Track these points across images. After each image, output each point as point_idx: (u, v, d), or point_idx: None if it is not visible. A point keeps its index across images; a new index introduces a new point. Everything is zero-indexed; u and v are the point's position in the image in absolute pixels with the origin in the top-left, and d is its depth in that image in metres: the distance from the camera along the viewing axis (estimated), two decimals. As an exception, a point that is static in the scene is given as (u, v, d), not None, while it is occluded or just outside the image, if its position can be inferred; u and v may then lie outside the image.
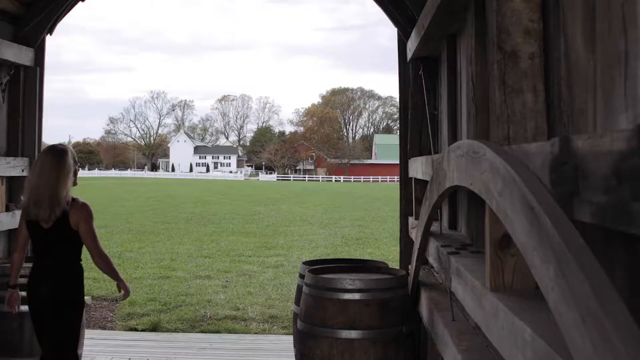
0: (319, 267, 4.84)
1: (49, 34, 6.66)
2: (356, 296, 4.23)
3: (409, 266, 5.64)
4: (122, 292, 4.70)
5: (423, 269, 5.05)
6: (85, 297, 9.75)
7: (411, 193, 5.56)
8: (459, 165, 2.74)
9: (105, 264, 4.42)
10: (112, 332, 8.15)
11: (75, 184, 4.34)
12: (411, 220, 5.53)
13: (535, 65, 2.35)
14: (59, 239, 4.24)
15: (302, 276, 5.09)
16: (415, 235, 4.64)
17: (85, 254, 4.49)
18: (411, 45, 5.73)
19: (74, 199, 4.24)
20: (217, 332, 8.06)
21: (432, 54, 5.61)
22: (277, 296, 9.99)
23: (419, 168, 5.10)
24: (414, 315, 4.71)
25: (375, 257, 14.09)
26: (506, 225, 1.91)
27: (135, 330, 8.29)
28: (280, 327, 8.23)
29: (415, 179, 5.34)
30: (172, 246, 15.91)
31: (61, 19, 6.63)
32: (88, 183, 66.61)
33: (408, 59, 5.99)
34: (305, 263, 5.50)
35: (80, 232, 4.22)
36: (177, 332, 8.06)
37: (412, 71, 5.86)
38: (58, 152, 4.27)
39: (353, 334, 4.19)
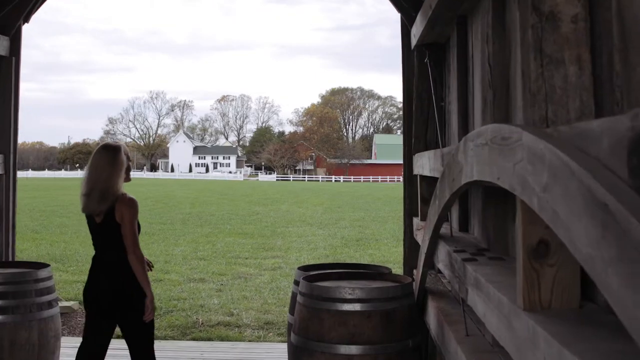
0: (315, 274, 4.37)
1: (25, 22, 6.19)
2: (356, 307, 3.76)
3: (414, 271, 5.18)
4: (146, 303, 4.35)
5: (429, 274, 4.60)
6: (72, 302, 9.36)
7: (416, 192, 5.11)
8: (480, 156, 2.28)
9: (137, 264, 4.27)
10: (97, 340, 7.68)
11: (128, 179, 4.46)
12: (416, 221, 5.08)
13: (579, 29, 1.89)
14: (109, 233, 4.29)
15: (297, 283, 4.62)
16: (422, 237, 4.18)
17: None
18: (416, 30, 5.27)
19: (122, 194, 4.30)
20: (209, 339, 7.59)
21: (439, 40, 5.15)
22: (273, 301, 9.53)
23: (425, 164, 4.64)
24: (420, 326, 4.24)
25: (376, 259, 13.63)
26: (556, 229, 1.45)
27: (122, 338, 7.83)
28: (275, 334, 7.76)
29: (421, 176, 4.88)
30: (167, 248, 15.44)
31: (39, 5, 6.16)
32: (86, 183, 66.20)
33: (412, 46, 5.53)
34: (301, 268, 5.03)
35: (122, 225, 4.25)
36: (167, 339, 7.58)
37: (416, 59, 5.39)
38: (112, 148, 4.44)
39: (353, 349, 3.72)
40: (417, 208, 5.08)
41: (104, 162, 4.30)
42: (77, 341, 7.43)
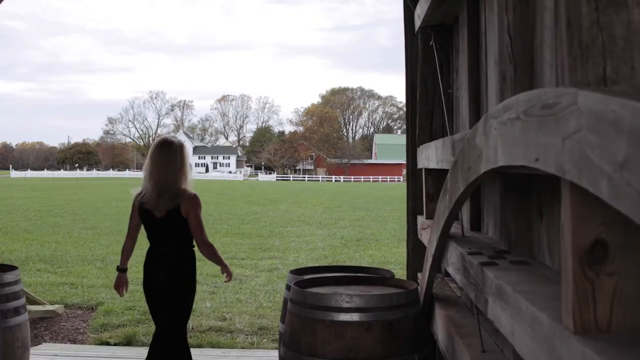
0: (308, 279, 3.89)
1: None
2: (355, 317, 3.28)
3: (418, 275, 4.72)
4: (225, 274, 5.01)
5: (436, 278, 4.13)
6: (57, 306, 8.88)
7: (421, 187, 4.63)
8: (509, 135, 1.81)
9: (209, 253, 4.70)
10: (79, 347, 7.22)
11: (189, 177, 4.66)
12: (421, 219, 4.60)
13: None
14: (171, 228, 4.52)
15: (289, 288, 4.16)
16: (429, 237, 3.71)
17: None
18: (420, 10, 4.80)
19: (184, 190, 4.51)
20: (199, 346, 7.13)
21: (446, 21, 4.68)
22: (268, 304, 9.06)
23: (431, 155, 4.16)
24: (427, 337, 3.77)
25: (376, 260, 13.15)
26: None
27: (108, 344, 7.36)
28: (270, 341, 7.29)
29: (427, 169, 4.41)
30: (161, 248, 14.96)
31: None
32: (84, 183, 65.69)
33: (416, 29, 5.05)
34: (294, 272, 4.57)
35: (189, 220, 4.49)
36: (154, 346, 7.12)
37: (421, 43, 4.91)
38: (175, 144, 4.62)
39: (351, 365, 3.25)
40: (421, 205, 4.61)
41: (170, 158, 4.51)
42: (60, 348, 7.01)
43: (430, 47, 4.76)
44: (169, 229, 4.51)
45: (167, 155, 4.51)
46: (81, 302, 9.31)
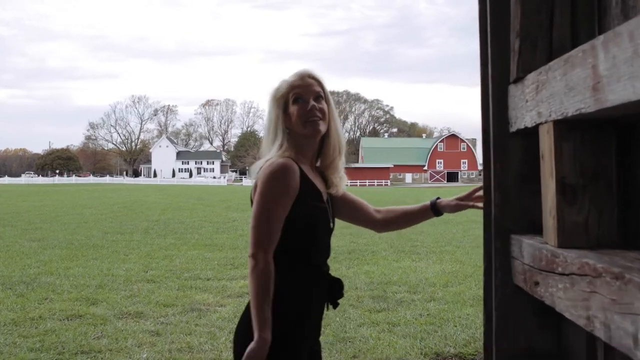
0: None
1: None
2: None
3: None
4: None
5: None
6: None
7: (528, 171, 2.03)
8: None
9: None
10: None
11: None
12: (531, 243, 1.93)
13: None
14: None
15: None
16: (578, 288, 1.12)
17: None
18: None
19: None
20: None
21: None
22: (231, 351, 6.40)
23: (577, 86, 1.54)
24: None
25: (375, 278, 10.54)
26: None
27: None
28: None
29: (559, 124, 1.77)
30: (111, 265, 12.25)
31: None
32: (58, 189, 62.66)
33: None
34: None
35: None
36: None
37: None
38: None
39: None
40: (525, 214, 2.01)
41: None
42: None
43: None
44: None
45: None
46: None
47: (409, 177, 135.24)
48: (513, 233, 2.23)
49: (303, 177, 2.69)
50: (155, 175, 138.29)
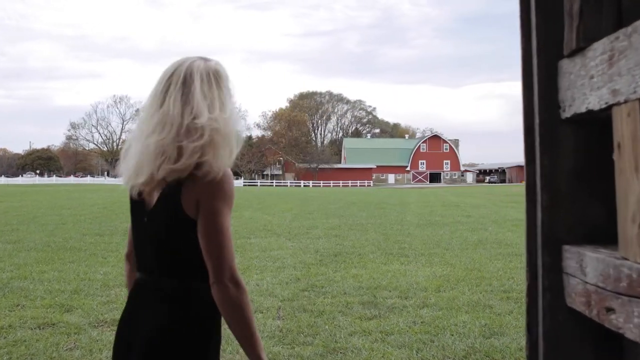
0: None
1: None
2: None
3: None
4: None
5: None
6: None
7: (577, 170, 1.65)
8: None
9: None
10: None
11: None
12: (595, 258, 1.53)
13: None
14: None
15: None
16: None
17: None
18: None
19: None
20: None
21: None
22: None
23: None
24: None
25: (363, 282, 10.13)
26: None
27: None
28: None
29: None
30: (88, 268, 11.74)
31: None
32: (37, 190, 61.60)
33: None
34: None
35: None
36: None
37: None
38: None
39: None
40: (588, 222, 1.62)
41: None
42: None
43: None
44: None
45: None
46: None
47: (391, 177, 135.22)
48: (566, 244, 1.82)
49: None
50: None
